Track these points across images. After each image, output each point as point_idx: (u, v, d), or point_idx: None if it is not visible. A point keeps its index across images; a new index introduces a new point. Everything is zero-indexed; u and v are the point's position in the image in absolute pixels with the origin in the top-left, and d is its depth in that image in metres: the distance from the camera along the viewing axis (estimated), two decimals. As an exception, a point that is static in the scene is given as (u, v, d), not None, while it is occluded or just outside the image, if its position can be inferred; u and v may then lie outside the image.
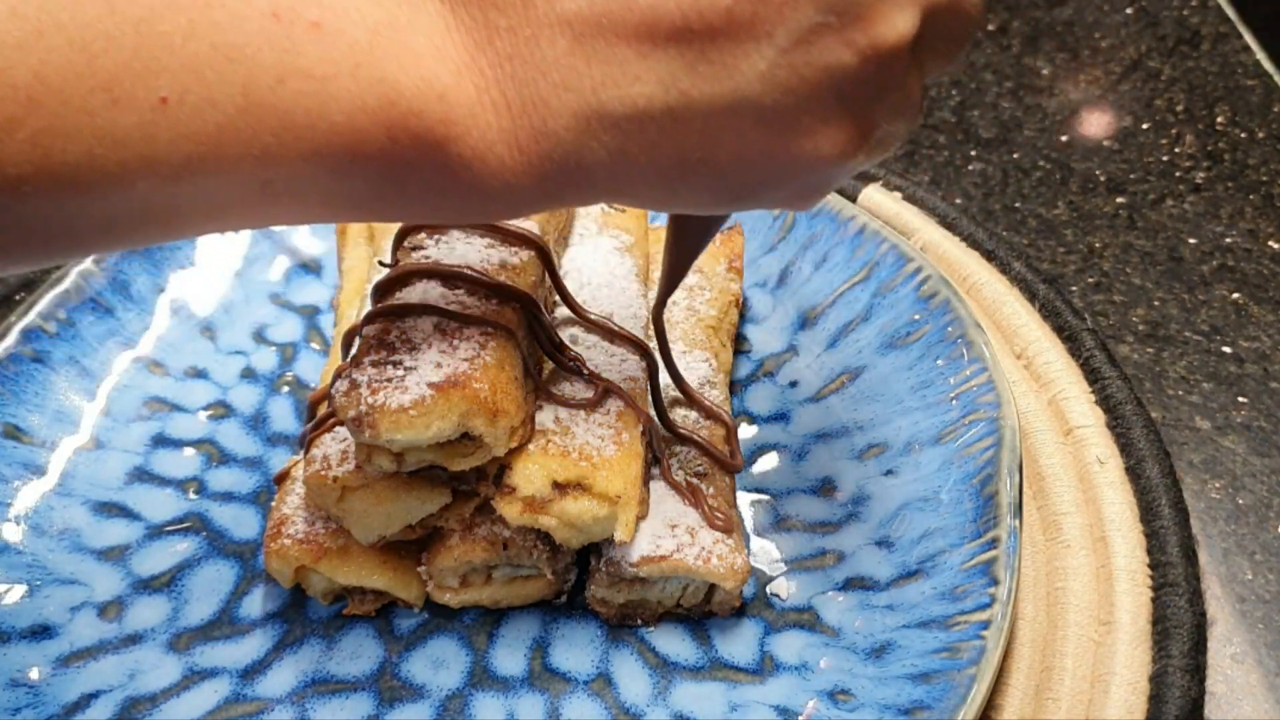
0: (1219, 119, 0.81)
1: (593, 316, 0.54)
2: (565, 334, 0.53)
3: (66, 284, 0.63)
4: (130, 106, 0.32)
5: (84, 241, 0.35)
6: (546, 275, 0.52)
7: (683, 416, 0.55)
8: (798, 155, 0.37)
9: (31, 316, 0.61)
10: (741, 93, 0.35)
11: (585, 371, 0.51)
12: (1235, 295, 0.68)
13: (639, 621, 0.52)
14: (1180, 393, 0.63)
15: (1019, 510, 0.50)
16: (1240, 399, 0.62)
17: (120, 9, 0.31)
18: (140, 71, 0.32)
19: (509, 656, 0.51)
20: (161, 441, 0.60)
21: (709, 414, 0.56)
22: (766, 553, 0.54)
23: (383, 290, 0.48)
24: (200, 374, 0.63)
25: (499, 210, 0.38)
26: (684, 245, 0.49)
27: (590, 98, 0.35)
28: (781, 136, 0.36)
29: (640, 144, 0.36)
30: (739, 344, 0.64)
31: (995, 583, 0.48)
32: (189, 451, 0.60)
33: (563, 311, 0.54)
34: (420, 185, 0.36)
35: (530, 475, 0.47)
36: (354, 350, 0.46)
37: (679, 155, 0.36)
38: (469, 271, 0.48)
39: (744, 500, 0.56)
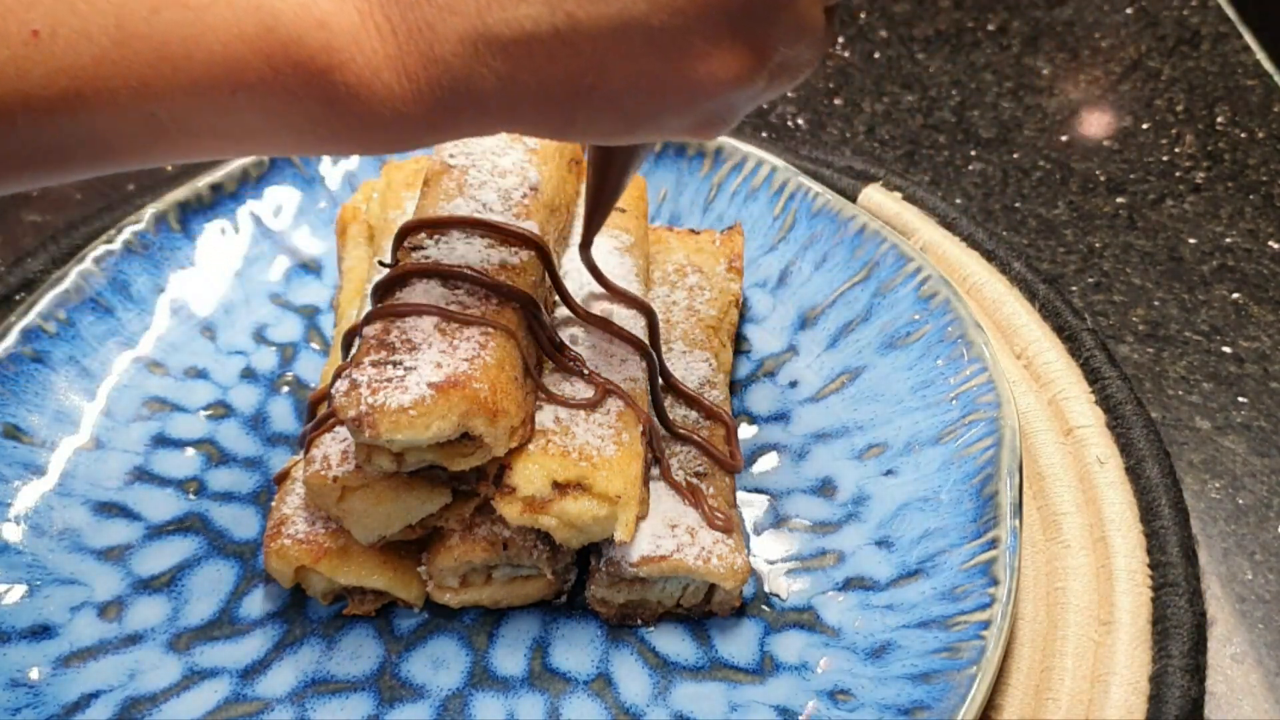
0: (1219, 119, 0.81)
1: (592, 316, 0.54)
2: (565, 334, 0.53)
3: (66, 284, 0.63)
4: (2, 41, 0.32)
5: None
6: (546, 275, 0.52)
7: (683, 416, 0.55)
8: (692, 79, 0.36)
9: (31, 316, 0.61)
10: (629, 14, 0.35)
11: (585, 371, 0.51)
12: (1235, 295, 0.68)
13: (639, 621, 0.52)
14: (1180, 393, 0.63)
15: (1019, 510, 0.50)
16: (1240, 399, 0.62)
17: None
18: (11, 5, 0.32)
19: (509, 656, 0.51)
20: (161, 441, 0.60)
21: (709, 414, 0.56)
22: (766, 553, 0.54)
23: (383, 290, 0.48)
24: (200, 374, 0.63)
25: (391, 141, 0.37)
26: (603, 178, 0.48)
27: (476, 21, 0.34)
28: (672, 60, 0.36)
29: (529, 69, 0.35)
30: (739, 344, 0.64)
31: (995, 583, 0.48)
32: (189, 451, 0.60)
33: (563, 311, 0.54)
34: (307, 117, 0.35)
35: (530, 475, 0.47)
36: (354, 350, 0.46)
37: (570, 80, 0.36)
38: (469, 271, 0.48)
39: (744, 500, 0.56)
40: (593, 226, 0.51)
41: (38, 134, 0.33)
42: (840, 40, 0.90)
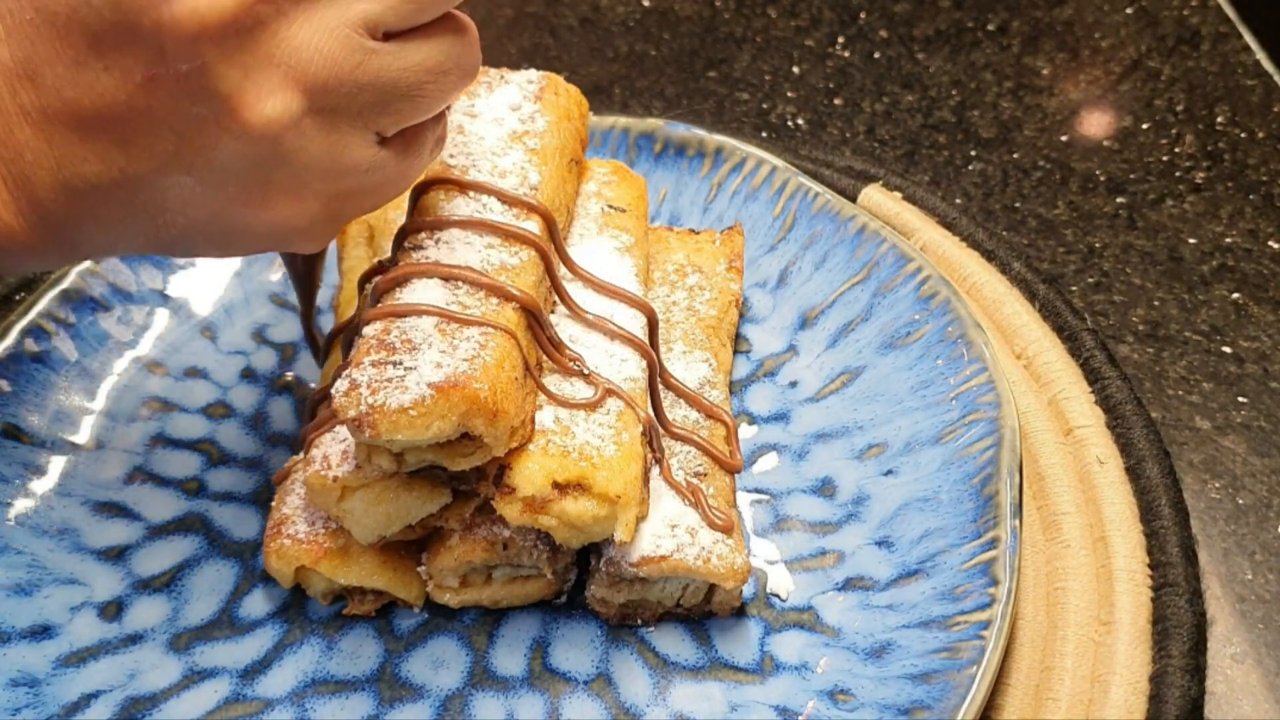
0: (1219, 119, 0.81)
1: (592, 316, 0.54)
2: (565, 334, 0.53)
3: (66, 284, 0.63)
4: None
5: None
6: (546, 275, 0.52)
7: (683, 416, 0.55)
8: (250, 222, 0.43)
9: (31, 316, 0.61)
10: (170, 166, 0.41)
11: (585, 371, 0.51)
12: (1235, 295, 0.68)
13: (639, 621, 0.52)
14: (1180, 393, 0.63)
15: (1019, 510, 0.50)
16: (1240, 399, 0.62)
17: None
18: None
19: (509, 656, 0.51)
20: (161, 441, 0.60)
21: (709, 414, 0.56)
22: (766, 553, 0.54)
23: (383, 290, 0.48)
24: (200, 374, 0.63)
25: (17, 264, 0.43)
26: (296, 275, 0.56)
27: (57, 174, 0.40)
28: (230, 204, 0.42)
29: (111, 210, 0.42)
30: (739, 344, 0.64)
31: (995, 583, 0.48)
32: (189, 451, 0.60)
33: (563, 311, 0.54)
34: None
35: (530, 475, 0.47)
36: (354, 350, 0.46)
37: (148, 218, 0.42)
38: (469, 272, 0.48)
39: (744, 500, 0.56)
40: (304, 307, 0.58)
41: None
42: (840, 40, 0.91)
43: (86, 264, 0.63)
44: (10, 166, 0.40)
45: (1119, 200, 0.75)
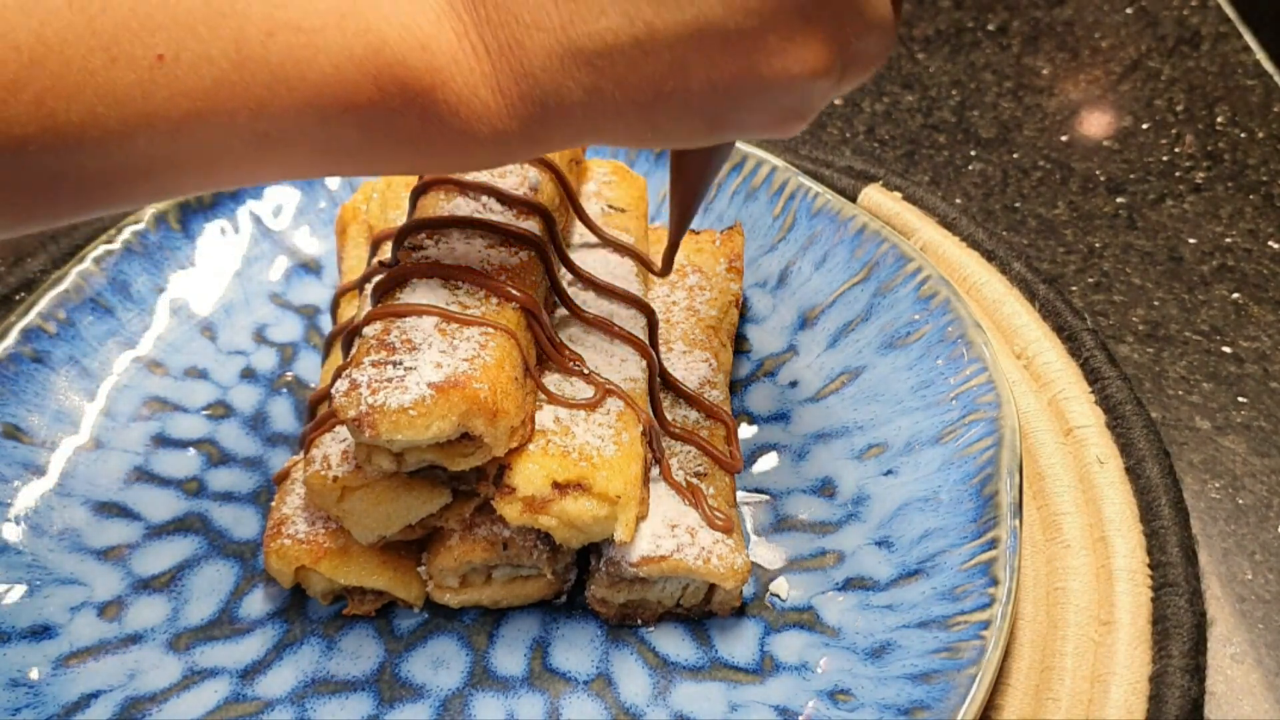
0: (1219, 119, 0.81)
1: (592, 316, 0.54)
2: (565, 334, 0.53)
3: (66, 284, 0.63)
4: (129, 64, 0.33)
5: (87, 200, 0.36)
6: (546, 275, 0.52)
7: (683, 416, 0.55)
8: (769, 76, 0.37)
9: (31, 316, 0.61)
10: (705, 17, 0.36)
11: (585, 371, 0.51)
12: (1235, 295, 0.68)
13: (639, 621, 0.52)
14: (1180, 393, 0.63)
15: (1019, 510, 0.50)
16: (1240, 399, 0.62)
17: None
18: (137, 30, 0.32)
19: (509, 656, 0.51)
20: (161, 441, 0.60)
21: (709, 414, 0.56)
22: (766, 553, 0.54)
23: (383, 290, 0.48)
24: (200, 374, 0.63)
25: (486, 157, 0.38)
26: (686, 185, 0.49)
27: (560, 35, 0.36)
28: (749, 58, 0.37)
29: (612, 78, 0.37)
30: (739, 344, 0.64)
31: (995, 583, 0.48)
32: (189, 451, 0.60)
33: (562, 312, 0.54)
34: (408, 133, 0.37)
35: (530, 475, 0.47)
36: (354, 350, 0.46)
37: (651, 86, 0.37)
38: (469, 272, 0.48)
39: (744, 500, 0.56)
40: (678, 233, 0.52)
41: (156, 153, 0.35)
42: (840, 40, 0.90)
43: (87, 263, 0.63)
44: (499, 32, 0.36)
45: (1119, 200, 0.75)
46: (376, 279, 0.49)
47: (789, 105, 0.39)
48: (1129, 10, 0.93)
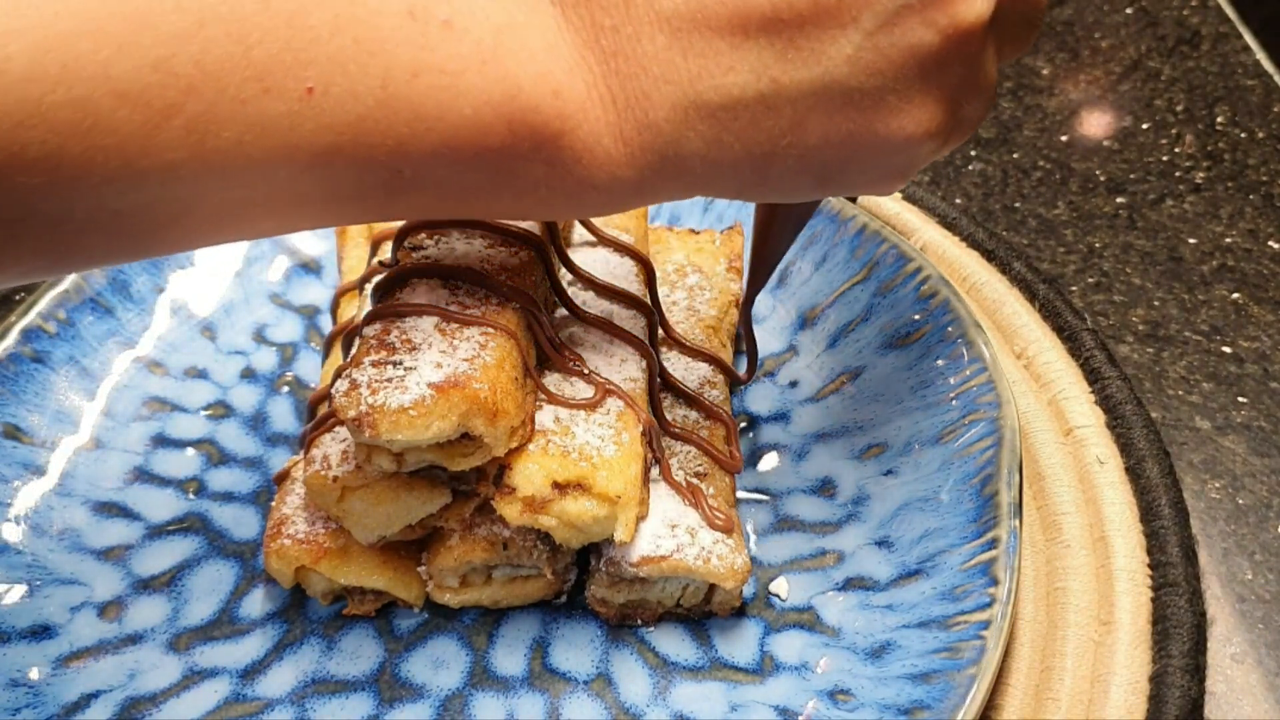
0: (1219, 119, 0.81)
1: (592, 316, 0.54)
2: (565, 334, 0.53)
3: (66, 284, 0.63)
4: (280, 95, 0.33)
5: (218, 227, 0.36)
6: (546, 275, 0.52)
7: (683, 416, 0.55)
8: (884, 135, 0.39)
9: (31, 316, 0.61)
10: (830, 76, 0.37)
11: (585, 371, 0.51)
12: (1235, 295, 0.68)
13: (639, 621, 0.52)
14: (1180, 393, 0.63)
15: (1019, 510, 0.50)
16: (1240, 399, 0.62)
17: (273, 4, 0.33)
18: (290, 63, 0.33)
19: (509, 656, 0.51)
20: (161, 441, 0.60)
21: (709, 414, 0.56)
22: (766, 553, 0.54)
23: (383, 290, 0.48)
24: (200, 374, 0.63)
25: (600, 204, 0.39)
26: (772, 238, 0.50)
27: (688, 89, 0.37)
28: (868, 117, 0.38)
29: (734, 132, 0.38)
30: (739, 344, 0.64)
31: (995, 583, 0.48)
32: (189, 451, 0.60)
33: (562, 312, 0.54)
34: (533, 178, 0.38)
35: (530, 475, 0.47)
36: (354, 350, 0.46)
37: (770, 141, 0.38)
38: (469, 272, 0.48)
39: (744, 500, 0.56)
40: (759, 284, 0.53)
41: (294, 186, 0.35)
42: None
43: (86, 264, 0.63)
44: (627, 84, 0.37)
45: (1119, 200, 0.75)
46: (376, 279, 0.49)
47: (896, 164, 0.41)
48: (1129, 10, 0.93)
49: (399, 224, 0.52)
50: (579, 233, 0.58)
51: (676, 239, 0.64)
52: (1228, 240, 0.72)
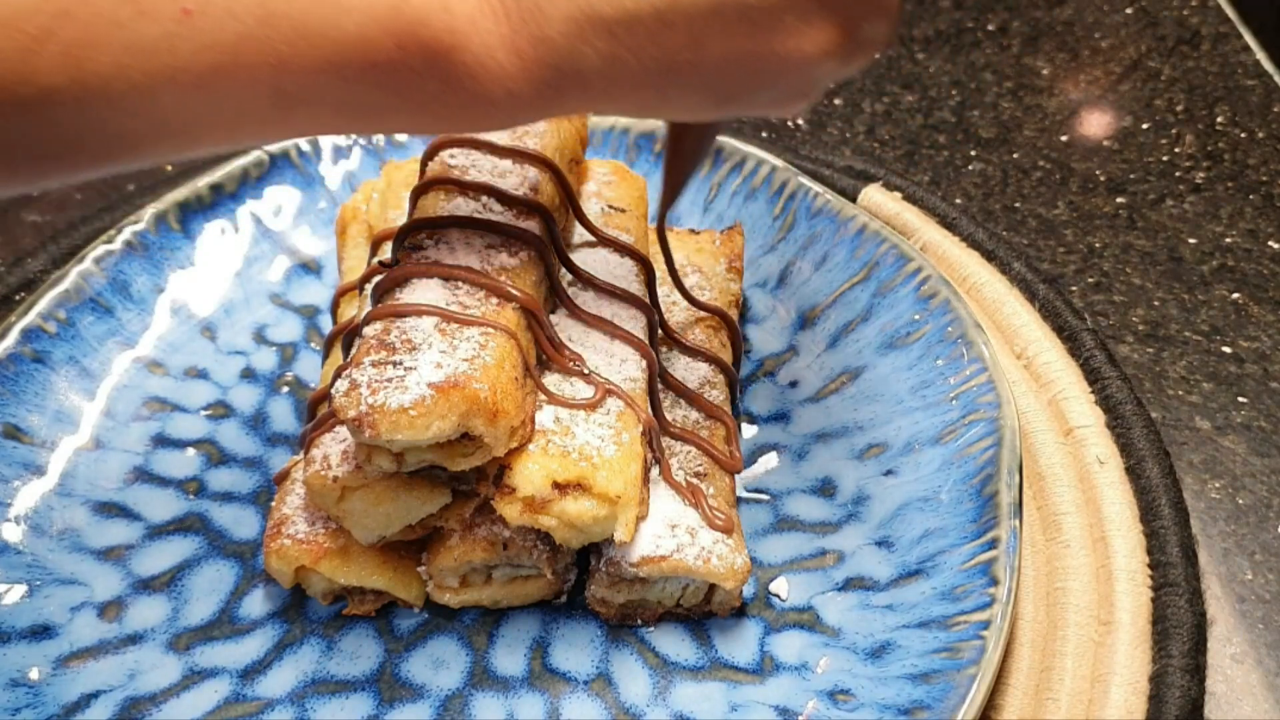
0: (1219, 119, 0.81)
1: (592, 316, 0.54)
2: (565, 334, 0.53)
3: (66, 284, 0.63)
4: (156, 18, 0.33)
5: (109, 154, 0.36)
6: (546, 275, 0.52)
7: (683, 417, 0.55)
8: (782, 55, 0.39)
9: (31, 316, 0.61)
10: None
11: (585, 371, 0.51)
12: (1235, 295, 0.68)
13: (639, 621, 0.52)
14: (1180, 393, 0.63)
15: (1019, 510, 0.50)
16: (1240, 399, 0.62)
17: None
18: None
19: (509, 656, 0.51)
20: (161, 441, 0.60)
21: (709, 414, 0.56)
22: (766, 553, 0.54)
23: (383, 290, 0.48)
24: (200, 374, 0.63)
25: (499, 118, 0.39)
26: (681, 157, 0.50)
27: (583, 3, 0.36)
28: (765, 36, 0.38)
29: (630, 48, 0.37)
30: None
31: (995, 583, 0.48)
32: (189, 451, 0.60)
33: (562, 312, 0.54)
34: (426, 94, 0.37)
35: (530, 475, 0.47)
36: (354, 350, 0.46)
37: (667, 58, 0.38)
38: (469, 272, 0.48)
39: (744, 500, 0.56)
40: (669, 202, 0.53)
41: (178, 109, 0.35)
42: (840, 40, 0.90)
43: (87, 264, 0.63)
44: None
45: (1119, 200, 0.75)
46: (376, 279, 0.49)
47: (795, 85, 0.40)
48: (1129, 10, 0.93)
49: (399, 224, 0.52)
50: (579, 233, 0.58)
51: (676, 239, 0.64)
52: (1228, 240, 0.72)
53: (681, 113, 0.42)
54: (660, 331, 0.57)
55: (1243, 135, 0.80)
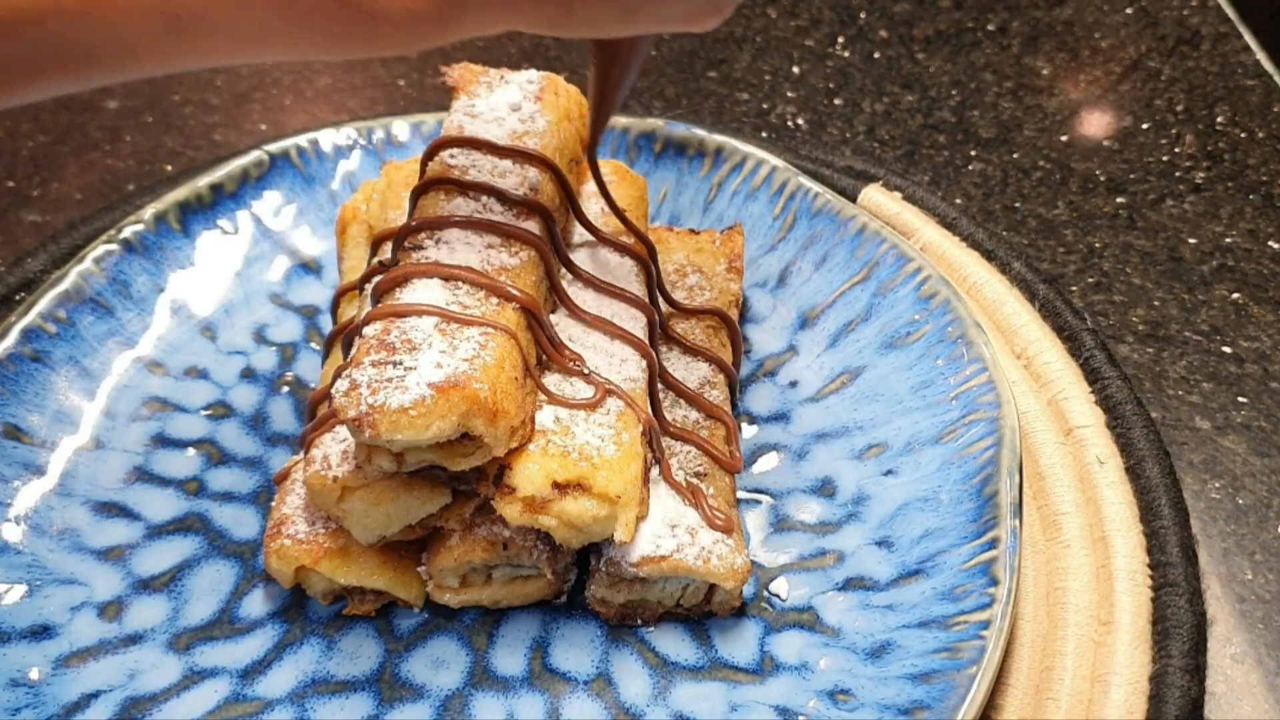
0: (1219, 119, 0.81)
1: (592, 316, 0.54)
2: (565, 334, 0.53)
3: (66, 284, 0.63)
4: None
5: (11, 80, 0.37)
6: (546, 275, 0.52)
7: (683, 417, 0.55)
8: None
9: (31, 316, 0.61)
10: None
11: (585, 371, 0.51)
12: (1235, 295, 0.68)
13: (639, 621, 0.52)
14: (1180, 393, 0.63)
15: (1019, 510, 0.50)
16: (1240, 399, 0.62)
17: None
18: None
19: (509, 656, 0.51)
20: (161, 441, 0.60)
21: (709, 414, 0.56)
22: (766, 553, 0.54)
23: (383, 290, 0.48)
24: (200, 374, 0.63)
25: (401, 38, 0.39)
26: (606, 79, 0.49)
27: None
28: None
29: None
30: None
31: (995, 583, 0.48)
32: (189, 451, 0.60)
33: (563, 312, 0.54)
34: (324, 14, 0.37)
35: (530, 475, 0.47)
36: (354, 350, 0.46)
37: None
38: (469, 272, 0.48)
39: (744, 500, 0.56)
40: (598, 127, 0.52)
41: (69, 37, 0.35)
42: (840, 40, 0.90)
43: (87, 264, 0.63)
44: None
45: (1119, 200, 0.75)
46: (376, 279, 0.49)
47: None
48: (1129, 10, 0.93)
49: (399, 224, 0.52)
50: (579, 233, 0.58)
51: (676, 239, 0.64)
52: (1228, 240, 0.72)
53: (589, 27, 0.41)
54: (660, 331, 0.57)
55: (1243, 135, 0.80)
